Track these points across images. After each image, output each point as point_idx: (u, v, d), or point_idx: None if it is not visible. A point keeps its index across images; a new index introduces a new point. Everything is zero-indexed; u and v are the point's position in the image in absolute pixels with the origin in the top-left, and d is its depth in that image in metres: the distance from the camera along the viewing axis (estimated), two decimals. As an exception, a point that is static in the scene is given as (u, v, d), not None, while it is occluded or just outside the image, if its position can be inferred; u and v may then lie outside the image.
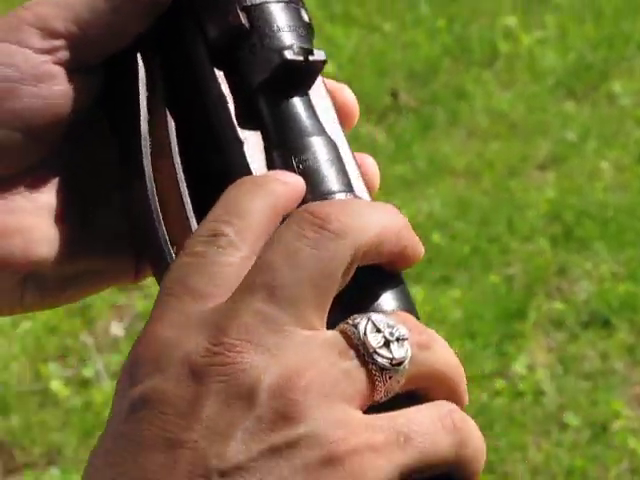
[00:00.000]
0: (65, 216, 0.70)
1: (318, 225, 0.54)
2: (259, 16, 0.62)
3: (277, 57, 0.60)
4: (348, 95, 0.67)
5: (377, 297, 0.57)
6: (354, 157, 0.63)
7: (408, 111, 3.88)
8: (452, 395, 0.56)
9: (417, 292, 3.21)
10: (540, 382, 2.96)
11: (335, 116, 0.64)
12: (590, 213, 3.34)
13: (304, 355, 0.54)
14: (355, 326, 0.53)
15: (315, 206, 0.57)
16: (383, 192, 3.49)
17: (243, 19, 0.62)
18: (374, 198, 0.61)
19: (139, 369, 0.56)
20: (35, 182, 0.69)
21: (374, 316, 0.53)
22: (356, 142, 3.84)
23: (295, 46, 0.61)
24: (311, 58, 0.61)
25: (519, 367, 2.96)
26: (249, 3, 0.63)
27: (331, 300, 0.55)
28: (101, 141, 0.68)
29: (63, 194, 0.70)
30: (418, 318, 0.57)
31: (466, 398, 0.57)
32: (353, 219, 0.56)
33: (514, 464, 2.78)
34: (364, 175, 0.63)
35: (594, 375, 2.92)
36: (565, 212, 3.45)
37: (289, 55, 0.60)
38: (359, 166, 0.64)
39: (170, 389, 0.54)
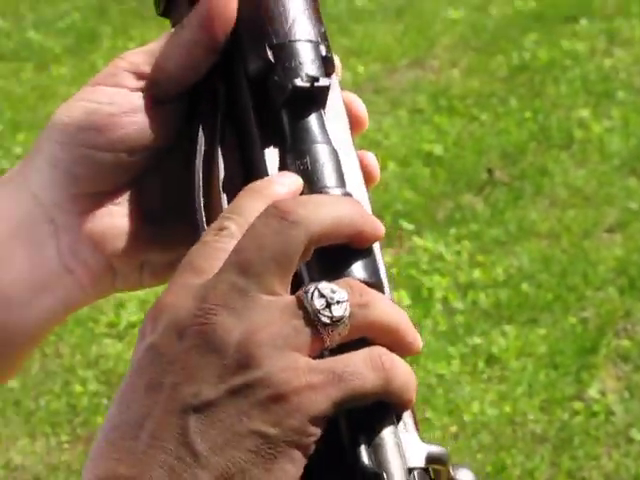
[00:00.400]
0: (157, 217, 0.70)
1: (280, 216, 0.56)
2: (282, 52, 0.62)
3: (291, 84, 0.60)
4: (359, 106, 0.67)
5: (339, 268, 0.58)
6: (356, 158, 0.63)
7: (501, 185, 3.83)
8: (395, 341, 0.57)
9: (510, 330, 3.17)
10: (610, 404, 2.89)
11: (347, 124, 0.64)
12: (651, 268, 3.27)
13: (264, 315, 0.55)
14: (306, 292, 0.54)
15: (281, 202, 0.58)
16: (481, 250, 3.40)
17: (270, 55, 0.62)
18: (369, 189, 0.61)
19: (146, 327, 0.57)
20: (133, 192, 0.69)
21: (321, 285, 0.54)
22: (459, 211, 3.85)
23: (305, 75, 0.61)
24: (316, 84, 0.61)
25: (593, 392, 2.90)
26: (275, 42, 0.62)
27: (292, 272, 0.56)
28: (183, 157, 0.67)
29: (156, 199, 0.70)
30: (379, 284, 0.59)
31: (413, 345, 0.58)
32: (309, 211, 0.57)
33: (590, 471, 2.71)
34: (364, 168, 0.63)
35: (655, 399, 2.86)
36: (630, 267, 3.38)
37: (299, 83, 0.61)
38: (362, 166, 0.64)
39: (162, 343, 0.55)
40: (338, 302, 0.54)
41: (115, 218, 0.70)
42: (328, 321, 0.54)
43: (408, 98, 4.57)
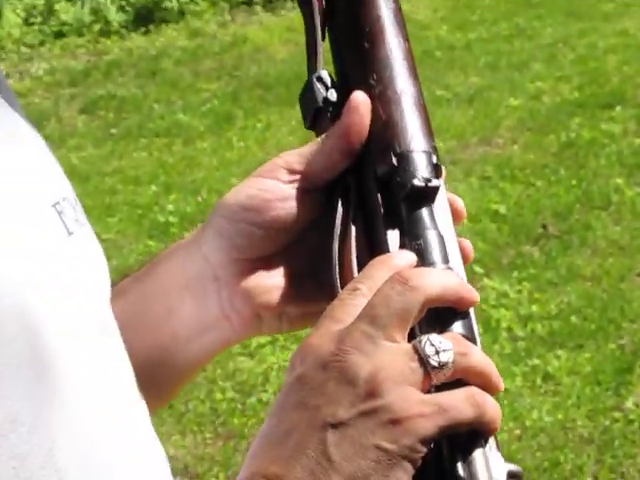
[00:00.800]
0: (300, 278, 0.68)
1: (403, 282, 0.54)
2: (403, 159, 0.60)
3: (410, 184, 0.59)
4: (459, 203, 0.64)
5: (445, 323, 0.56)
6: (456, 242, 0.61)
7: (554, 237, 3.73)
8: (485, 383, 0.55)
9: (562, 354, 3.07)
10: None
11: (450, 215, 0.62)
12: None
13: (387, 357, 0.53)
14: (419, 341, 0.53)
15: (403, 271, 0.56)
16: (538, 289, 3.34)
17: (394, 161, 0.60)
18: (465, 267, 0.59)
19: (295, 363, 0.56)
20: (280, 259, 0.67)
21: (431, 336, 0.53)
22: (520, 258, 3.71)
23: (420, 177, 0.60)
24: (429, 185, 0.60)
25: (630, 404, 2.82)
26: (398, 151, 0.60)
27: (410, 326, 0.55)
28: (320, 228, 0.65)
29: (299, 261, 0.68)
30: (474, 337, 0.57)
31: (498, 386, 0.56)
32: (425, 280, 0.56)
33: (628, 467, 2.63)
34: (462, 250, 0.61)
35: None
36: None
37: (416, 183, 0.59)
38: (461, 248, 0.61)
39: (309, 374, 0.54)
40: (444, 350, 0.54)
41: (264, 278, 0.68)
42: (436, 365, 0.54)
43: (478, 168, 4.48)
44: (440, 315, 0.57)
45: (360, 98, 0.62)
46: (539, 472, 2.72)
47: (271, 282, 0.68)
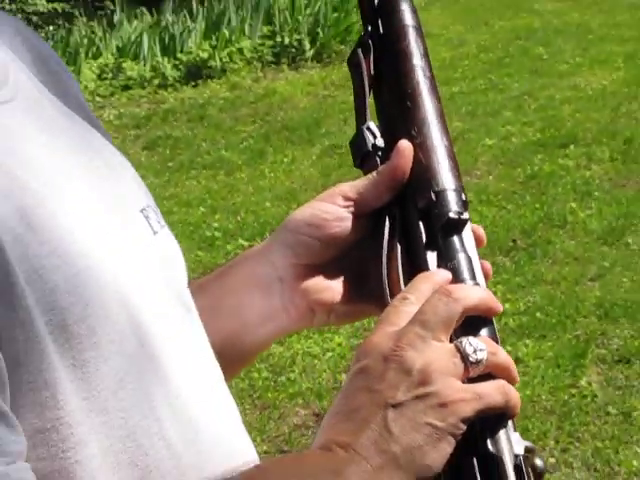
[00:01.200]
0: (347, 283, 0.66)
1: (447, 295, 0.54)
2: (440, 196, 0.59)
3: (445, 215, 0.58)
4: (481, 232, 0.63)
5: (478, 328, 0.55)
6: (480, 262, 0.60)
7: (522, 249, 3.67)
8: (508, 376, 0.54)
9: (529, 342, 3.01)
10: (595, 390, 2.76)
11: (473, 241, 0.60)
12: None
13: (435, 354, 0.53)
14: (460, 342, 0.53)
15: (446, 286, 0.56)
16: (510, 291, 3.27)
17: (433, 197, 0.59)
18: (487, 284, 0.58)
19: (360, 356, 0.55)
20: (333, 265, 0.66)
21: (470, 338, 0.53)
22: (494, 266, 3.27)
23: (454, 211, 0.59)
24: (462, 217, 0.59)
25: (583, 382, 2.79)
26: (436, 190, 0.59)
27: (452, 330, 0.54)
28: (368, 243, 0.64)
29: (346, 270, 0.66)
30: (497, 339, 0.56)
31: (517, 379, 0.55)
32: (464, 293, 0.55)
33: (583, 432, 2.59)
34: (484, 271, 0.60)
35: None
36: (605, 302, 3.23)
37: (451, 215, 0.58)
38: (482, 268, 0.60)
39: (372, 365, 0.53)
40: (480, 350, 0.53)
41: (319, 281, 0.67)
42: (474, 361, 0.53)
43: (461, 194, 4.30)
44: (472, 321, 0.56)
45: (405, 145, 0.62)
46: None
47: (324, 284, 0.66)
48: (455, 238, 0.60)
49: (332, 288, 0.67)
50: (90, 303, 0.50)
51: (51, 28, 7.47)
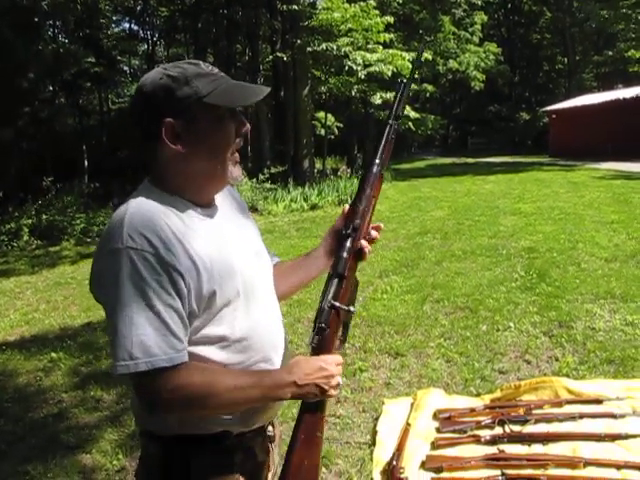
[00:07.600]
0: (333, 247, 1.23)
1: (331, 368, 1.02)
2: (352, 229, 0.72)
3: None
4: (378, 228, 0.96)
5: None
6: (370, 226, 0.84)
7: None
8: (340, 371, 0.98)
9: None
10: None
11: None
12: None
13: (313, 364, 1.02)
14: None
15: (331, 366, 1.01)
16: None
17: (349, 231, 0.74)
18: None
19: (299, 360, 1.04)
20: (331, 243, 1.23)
21: (338, 377, 0.84)
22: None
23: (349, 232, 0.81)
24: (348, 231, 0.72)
25: None
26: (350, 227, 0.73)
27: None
28: None
29: (334, 244, 1.22)
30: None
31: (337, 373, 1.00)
32: (335, 371, 1.02)
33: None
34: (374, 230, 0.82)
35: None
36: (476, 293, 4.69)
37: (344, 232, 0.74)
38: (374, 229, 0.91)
39: (303, 359, 1.04)
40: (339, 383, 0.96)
41: (330, 244, 1.25)
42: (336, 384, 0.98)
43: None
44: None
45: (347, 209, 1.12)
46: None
47: (332, 248, 1.25)
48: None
49: (332, 250, 1.24)
50: (224, 281, 1.06)
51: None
